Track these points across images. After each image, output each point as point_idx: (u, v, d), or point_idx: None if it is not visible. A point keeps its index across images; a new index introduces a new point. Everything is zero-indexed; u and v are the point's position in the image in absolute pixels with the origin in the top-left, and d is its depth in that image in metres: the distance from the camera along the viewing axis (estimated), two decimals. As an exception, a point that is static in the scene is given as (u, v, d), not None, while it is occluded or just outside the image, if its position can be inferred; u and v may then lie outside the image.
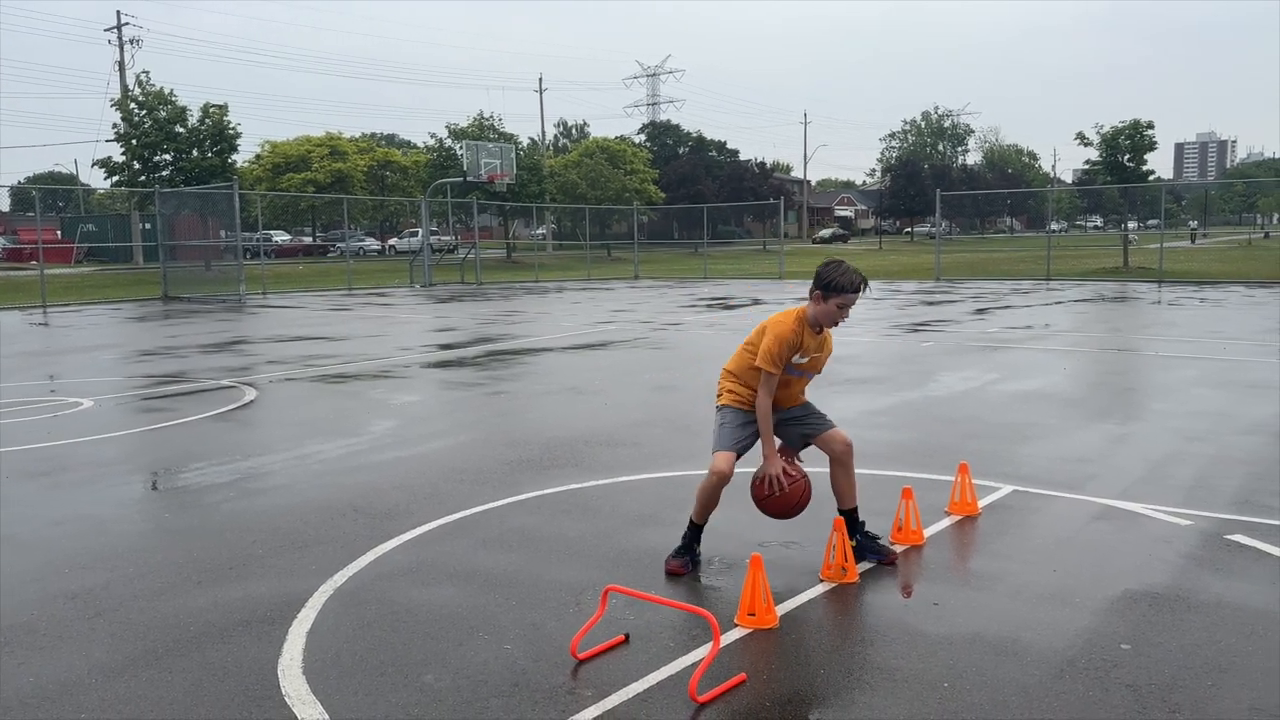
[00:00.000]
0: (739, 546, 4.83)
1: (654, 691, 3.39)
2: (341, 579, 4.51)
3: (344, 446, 7.37)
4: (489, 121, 48.42)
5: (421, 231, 36.65)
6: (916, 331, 15.24)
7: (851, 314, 4.67)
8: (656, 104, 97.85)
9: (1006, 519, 5.33)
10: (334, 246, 56.09)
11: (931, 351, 12.72)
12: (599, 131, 79.30)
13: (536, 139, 66.01)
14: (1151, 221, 77.12)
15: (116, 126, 33.87)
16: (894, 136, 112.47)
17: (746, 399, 4.60)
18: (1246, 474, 6.19)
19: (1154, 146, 31.87)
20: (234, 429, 8.18)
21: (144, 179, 33.21)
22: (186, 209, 29.49)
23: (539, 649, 3.73)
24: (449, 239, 51.77)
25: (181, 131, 33.14)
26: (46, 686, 3.50)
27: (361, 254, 54.85)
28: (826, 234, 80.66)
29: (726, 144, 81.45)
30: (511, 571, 4.58)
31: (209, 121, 33.41)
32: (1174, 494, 5.74)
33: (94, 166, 35.60)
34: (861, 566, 4.56)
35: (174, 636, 3.91)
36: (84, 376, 11.32)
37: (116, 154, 34.39)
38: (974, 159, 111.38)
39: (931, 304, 21.07)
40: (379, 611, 4.13)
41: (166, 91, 33.50)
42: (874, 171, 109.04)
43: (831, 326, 4.56)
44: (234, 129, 33.83)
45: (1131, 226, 42.49)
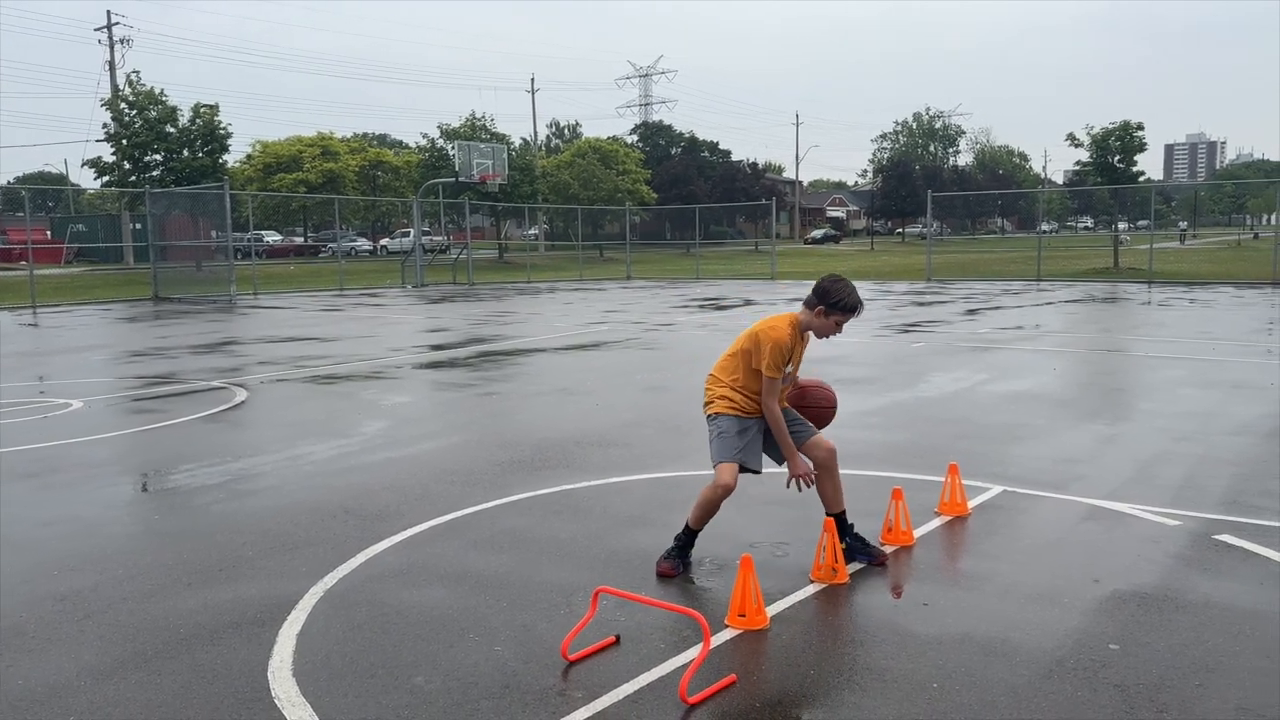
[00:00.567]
0: (730, 548, 4.83)
1: (644, 693, 3.39)
2: (332, 580, 4.51)
3: (335, 448, 7.36)
4: (481, 122, 48.45)
5: (413, 232, 36.62)
6: (908, 332, 15.28)
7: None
8: (649, 104, 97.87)
9: (996, 519, 5.35)
10: (325, 247, 55.99)
11: (922, 352, 12.75)
12: (591, 132, 79.41)
13: (529, 139, 66.04)
14: (1142, 222, 77.41)
15: (107, 126, 33.81)
16: (885, 137, 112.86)
17: (741, 405, 4.59)
18: (1234, 474, 6.22)
19: (1144, 147, 32.02)
20: (225, 430, 8.17)
21: (134, 179, 33.15)
22: (177, 209, 29.41)
23: (530, 650, 3.73)
24: (441, 239, 51.74)
25: (172, 131, 33.08)
26: (35, 689, 3.49)
27: (353, 254, 54.75)
28: (818, 234, 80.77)
29: (719, 144, 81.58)
30: (502, 573, 4.58)
31: (200, 121, 33.36)
32: (1162, 494, 5.76)
33: (84, 166, 35.56)
34: (852, 567, 4.57)
35: (163, 639, 3.90)
36: (74, 377, 11.28)
37: (107, 154, 34.44)
38: (965, 160, 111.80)
39: (922, 305, 21.12)
40: (369, 613, 4.12)
41: (157, 91, 33.46)
42: (866, 172, 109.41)
43: (823, 338, 4.67)
44: (225, 129, 33.80)
45: (1122, 227, 42.68)
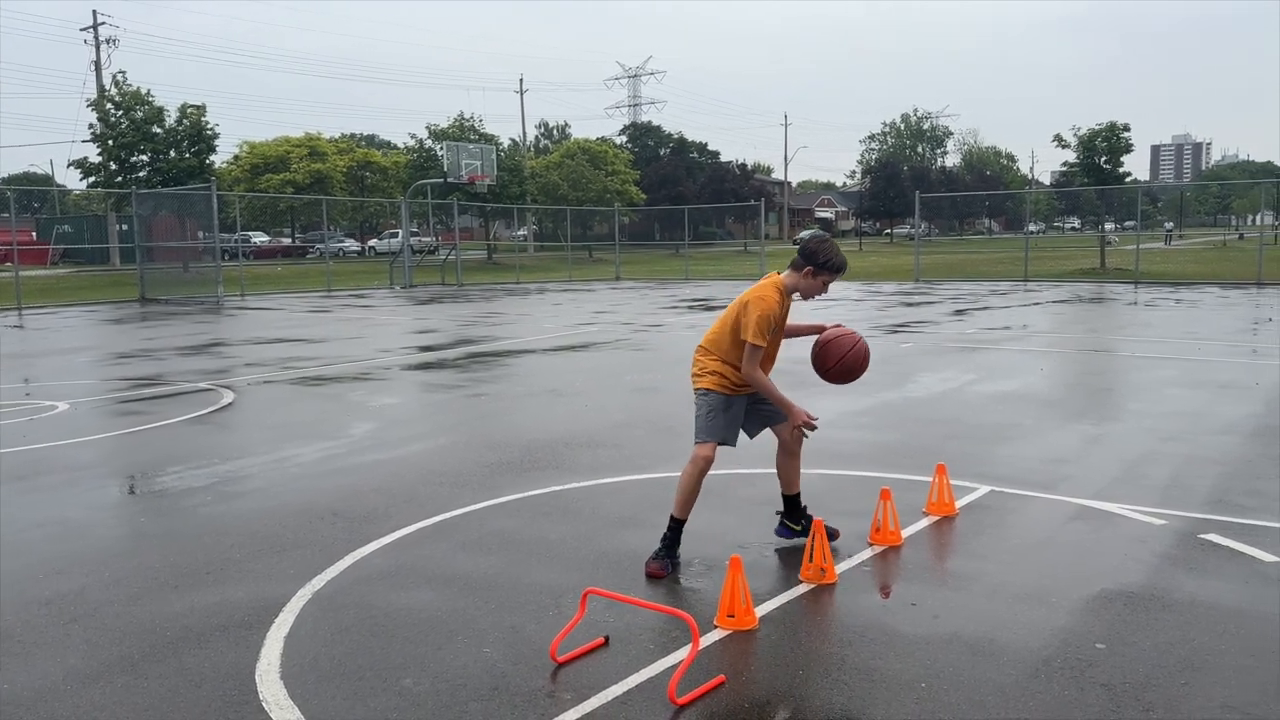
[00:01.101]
0: (719, 548, 4.84)
1: (633, 694, 3.39)
2: (320, 583, 4.49)
3: (323, 450, 7.34)
4: (469, 122, 48.36)
5: (401, 233, 36.53)
6: (896, 333, 15.32)
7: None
8: (638, 105, 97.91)
9: (984, 519, 5.37)
10: (313, 248, 55.78)
11: (910, 352, 12.79)
12: (580, 133, 79.41)
13: (517, 140, 65.93)
14: (1128, 223, 77.81)
15: (93, 127, 33.64)
16: (874, 138, 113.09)
17: (732, 381, 4.68)
18: (1220, 474, 6.26)
19: (1130, 148, 32.20)
20: (211, 432, 8.13)
21: (121, 180, 32.98)
22: (164, 210, 29.27)
23: (518, 652, 3.73)
24: (429, 240, 51.61)
25: (159, 132, 32.92)
26: (20, 693, 3.47)
27: (341, 255, 54.56)
28: (806, 235, 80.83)
29: (707, 145, 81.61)
30: (491, 575, 4.58)
31: (187, 122, 33.21)
32: (1149, 494, 5.79)
33: (70, 167, 35.38)
34: (841, 567, 4.58)
35: (150, 642, 3.88)
36: (60, 379, 11.22)
37: (93, 155, 34.19)
38: (953, 161, 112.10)
39: (911, 305, 21.18)
40: (357, 616, 4.11)
41: (144, 92, 33.29)
42: (854, 173, 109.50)
43: (808, 299, 4.77)
44: (212, 129, 33.65)
45: (1109, 228, 42.88)
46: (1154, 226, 79.72)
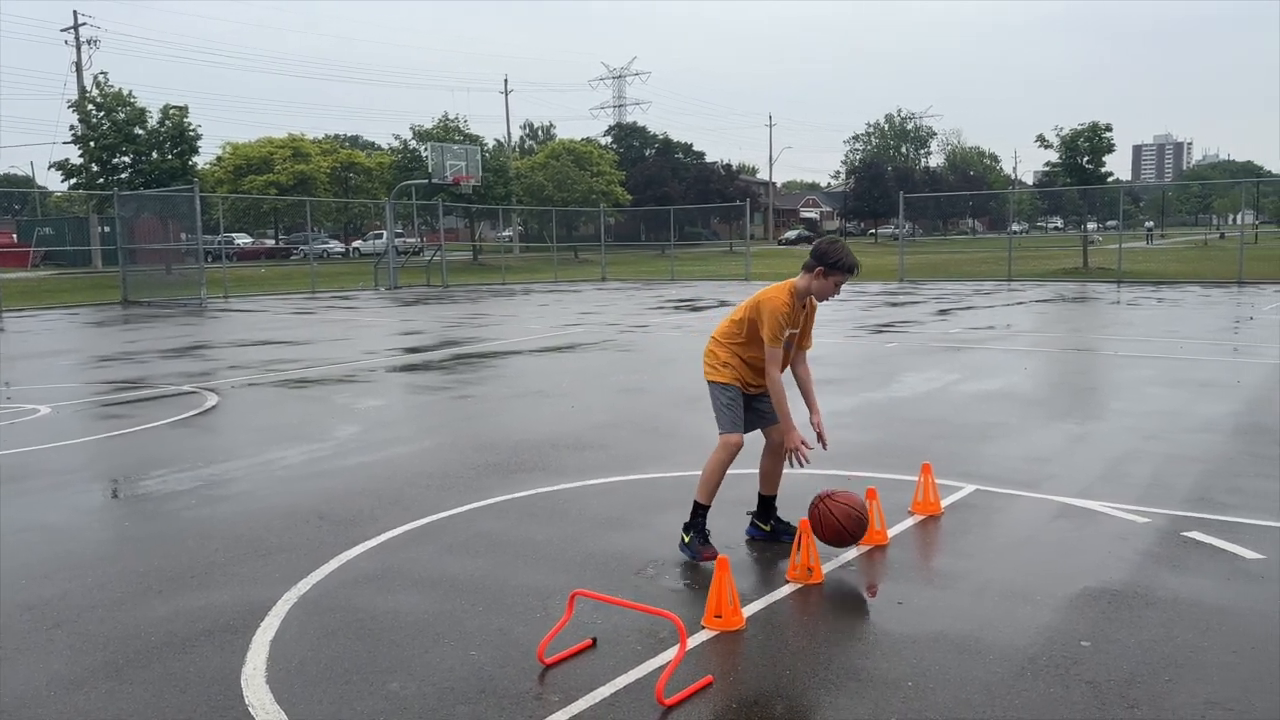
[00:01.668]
0: (705, 549, 4.84)
1: (621, 695, 3.39)
2: (305, 586, 4.48)
3: (308, 452, 7.31)
4: (454, 123, 48.23)
5: (386, 234, 36.42)
6: (881, 332, 15.37)
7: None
8: (623, 106, 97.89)
9: (969, 518, 5.39)
10: (297, 249, 55.54)
11: (895, 352, 12.83)
12: (565, 133, 79.31)
13: (502, 140, 65.81)
14: (1110, 222, 78.31)
15: (74, 128, 33.38)
16: (858, 139, 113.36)
17: (743, 376, 4.80)
18: (1201, 471, 6.31)
19: (1112, 148, 32.42)
20: (195, 435, 8.08)
21: (102, 181, 32.74)
22: (146, 212, 29.08)
23: (506, 654, 3.72)
24: (414, 241, 51.46)
25: (141, 133, 32.70)
26: (3, 700, 3.44)
27: (325, 257, 54.34)
28: (792, 235, 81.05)
29: (693, 146, 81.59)
30: (478, 577, 4.57)
31: (169, 123, 32.99)
32: (1132, 492, 5.83)
33: (51, 169, 35.03)
34: (827, 567, 4.59)
35: (134, 647, 3.86)
36: (42, 383, 11.13)
37: (74, 156, 33.91)
38: (936, 161, 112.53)
39: (895, 305, 21.26)
40: (344, 619, 4.10)
41: (125, 93, 33.05)
42: (838, 174, 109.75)
43: (822, 300, 4.84)
44: (195, 131, 33.43)
45: (1091, 227, 43.15)
46: (1135, 226, 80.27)
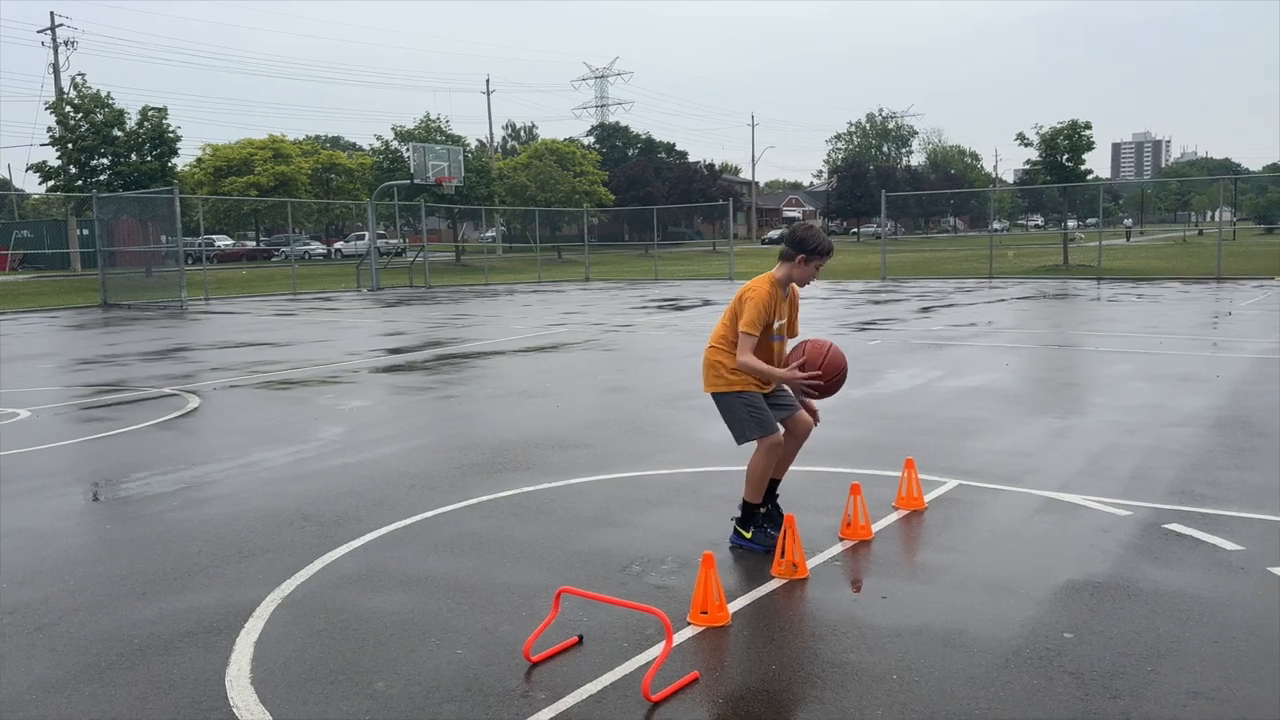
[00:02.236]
0: (692, 546, 4.85)
1: (608, 692, 3.39)
2: (290, 588, 4.46)
3: (291, 454, 7.27)
4: (436, 123, 48.07)
5: (368, 235, 36.26)
6: (864, 330, 15.43)
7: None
8: (605, 106, 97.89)
9: (952, 513, 5.42)
10: (278, 251, 55.26)
11: (878, 350, 12.88)
12: (548, 133, 79.32)
13: (484, 141, 65.69)
14: (1091, 220, 78.88)
15: (52, 130, 33.12)
16: (840, 138, 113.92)
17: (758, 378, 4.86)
18: (1182, 464, 6.36)
19: (1092, 146, 32.63)
20: (177, 438, 8.03)
21: (81, 184, 32.50)
22: (125, 214, 28.86)
23: (492, 653, 3.72)
24: (396, 242, 51.29)
25: (119, 135, 32.47)
26: (-16, 704, 3.41)
27: (307, 258, 54.10)
28: (775, 234, 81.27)
29: (675, 145, 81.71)
30: (463, 576, 4.56)
31: (148, 125, 32.77)
32: (1113, 485, 5.88)
33: (28, 171, 34.77)
34: (812, 562, 4.61)
35: (117, 650, 3.83)
36: (21, 386, 11.03)
37: (52, 158, 33.62)
38: (918, 160, 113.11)
39: (878, 303, 21.34)
40: (328, 620, 4.08)
41: (103, 94, 32.81)
42: (821, 173, 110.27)
43: (803, 286, 4.91)
44: (174, 132, 33.22)
45: (1071, 225, 43.47)
46: (1116, 223, 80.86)
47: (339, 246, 59.49)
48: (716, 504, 5.61)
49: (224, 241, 56.44)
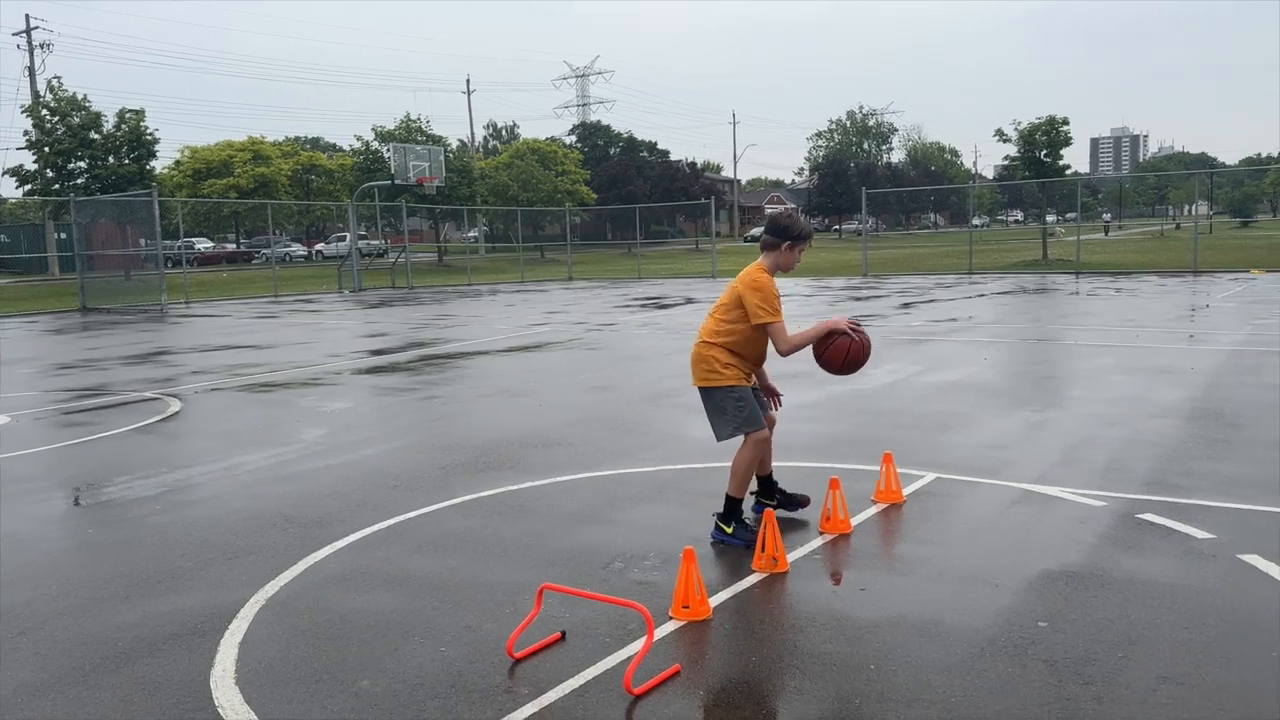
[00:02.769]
0: (673, 541, 4.90)
1: (590, 686, 3.44)
2: (273, 589, 4.48)
3: (273, 456, 7.28)
4: (416, 124, 47.95)
5: (349, 236, 36.13)
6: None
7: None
8: (586, 105, 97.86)
9: (930, 506, 5.49)
10: (259, 253, 55.00)
11: (860, 346, 12.94)
12: (529, 133, 79.17)
13: (465, 141, 65.55)
14: (1069, 215, 79.41)
15: (28, 134, 32.86)
16: (821, 136, 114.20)
17: (746, 372, 4.96)
18: (1157, 455, 6.46)
19: (1069, 142, 32.92)
20: (158, 441, 8.02)
21: (58, 187, 32.27)
22: (104, 217, 28.65)
23: (475, 650, 3.75)
24: (378, 243, 51.13)
25: (97, 138, 32.25)
26: (-32, 709, 3.42)
27: (287, 260, 53.85)
28: (757, 232, 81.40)
29: (657, 144, 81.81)
30: (447, 575, 4.59)
31: (125, 127, 32.55)
32: (1089, 477, 5.96)
33: (5, 175, 34.42)
34: (792, 556, 4.66)
35: (101, 652, 3.84)
36: (-1, 392, 10.97)
37: (29, 162, 33.36)
38: (898, 157, 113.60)
39: (859, 299, 21.46)
40: (312, 620, 4.10)
41: (80, 97, 32.57)
42: (802, 170, 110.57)
43: (787, 273, 5.04)
44: (152, 135, 33.02)
45: (1050, 220, 43.81)
46: (1094, 218, 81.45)
47: (320, 248, 59.25)
48: (698, 500, 5.66)
49: (204, 244, 56.13)
